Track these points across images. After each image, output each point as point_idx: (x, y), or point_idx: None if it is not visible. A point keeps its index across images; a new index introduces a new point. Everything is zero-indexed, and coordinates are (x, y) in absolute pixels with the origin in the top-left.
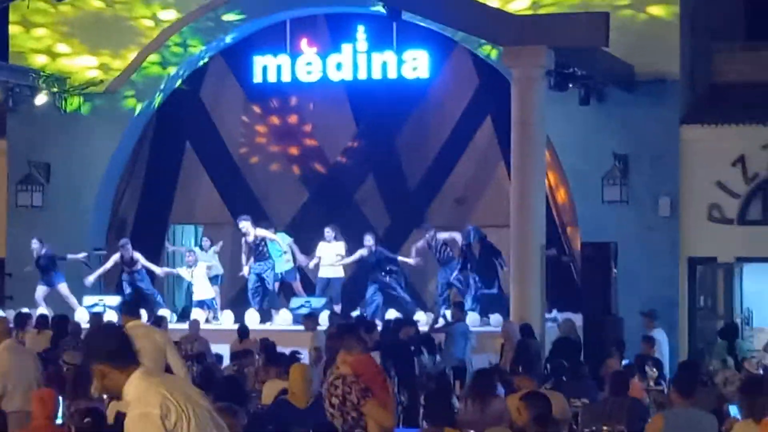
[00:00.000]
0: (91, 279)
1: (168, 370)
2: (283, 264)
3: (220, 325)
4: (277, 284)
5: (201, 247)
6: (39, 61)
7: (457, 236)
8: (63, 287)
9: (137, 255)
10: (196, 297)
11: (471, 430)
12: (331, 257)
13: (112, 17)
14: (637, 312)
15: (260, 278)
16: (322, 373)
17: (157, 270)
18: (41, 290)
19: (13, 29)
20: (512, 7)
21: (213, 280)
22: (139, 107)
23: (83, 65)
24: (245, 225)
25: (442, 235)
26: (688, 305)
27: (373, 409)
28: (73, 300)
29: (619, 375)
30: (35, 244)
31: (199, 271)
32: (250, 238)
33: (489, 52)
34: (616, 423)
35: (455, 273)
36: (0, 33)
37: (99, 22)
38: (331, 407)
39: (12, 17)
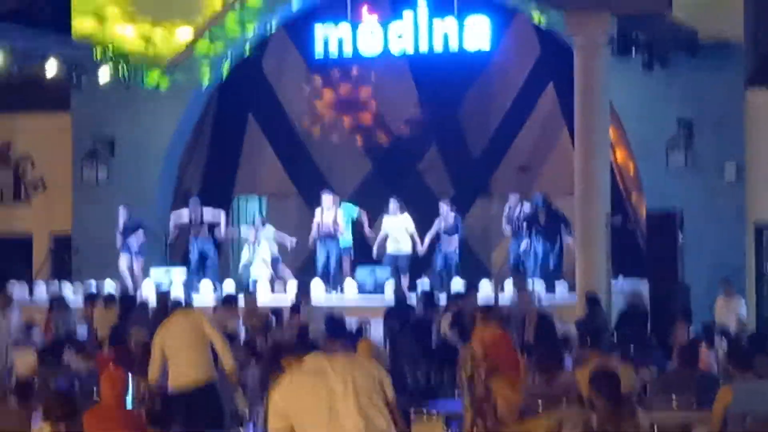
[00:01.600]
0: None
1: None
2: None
3: (285, 297)
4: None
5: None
6: (100, 34)
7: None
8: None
9: (206, 213)
10: (252, 276)
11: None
12: (400, 231)
13: None
14: (704, 278)
15: (328, 256)
16: None
17: (222, 230)
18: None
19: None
20: None
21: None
22: (202, 80)
23: (145, 39)
24: (328, 199)
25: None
26: (756, 271)
27: (500, 387)
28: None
29: (688, 348)
30: (123, 211)
31: (262, 250)
32: (329, 217)
33: (539, 19)
34: (686, 395)
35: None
36: (62, 8)
37: None
38: (461, 380)
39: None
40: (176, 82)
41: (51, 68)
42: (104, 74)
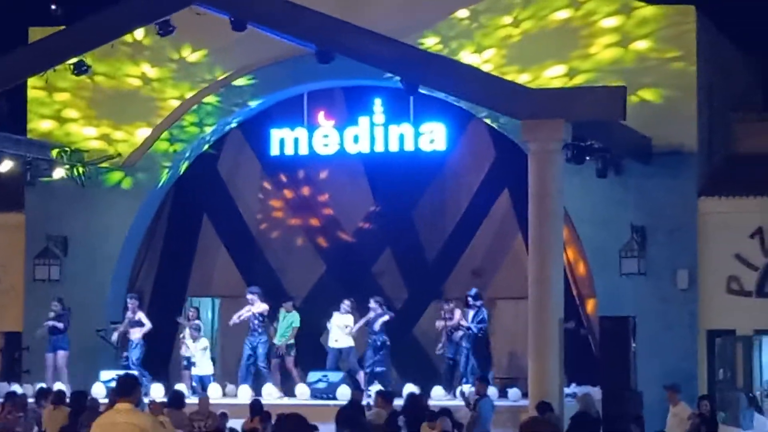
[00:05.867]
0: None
1: None
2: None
3: (236, 399)
4: (275, 361)
5: (188, 318)
6: (56, 135)
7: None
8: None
9: (140, 314)
10: (195, 372)
11: None
12: (340, 328)
13: (130, 92)
14: (656, 385)
15: (254, 351)
16: None
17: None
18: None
19: (33, 98)
20: (548, 74)
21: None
22: (156, 181)
23: (100, 139)
24: (252, 297)
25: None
26: (708, 378)
27: None
28: (65, 373)
29: None
30: (57, 306)
31: (200, 345)
32: (255, 310)
33: (497, 123)
34: None
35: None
36: (17, 107)
37: (119, 96)
38: None
39: (31, 93)
40: (132, 182)
41: (5, 167)
42: (59, 173)
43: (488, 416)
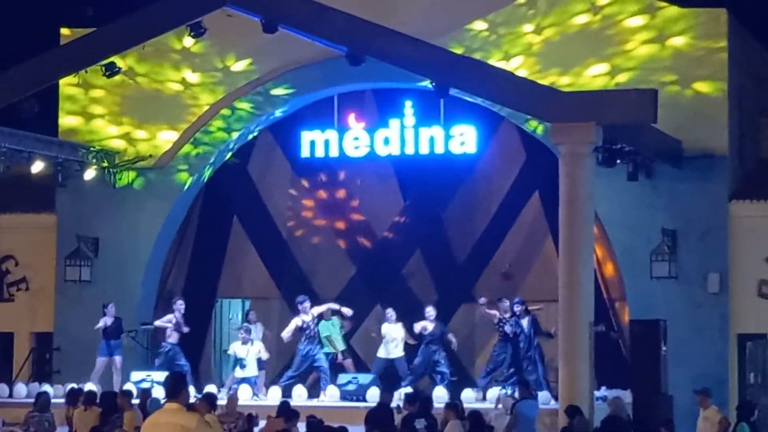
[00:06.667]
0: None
1: None
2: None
3: (266, 401)
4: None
5: (248, 321)
6: (87, 135)
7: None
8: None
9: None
10: (240, 374)
11: None
12: (397, 338)
13: (163, 94)
14: (687, 389)
15: (312, 359)
16: None
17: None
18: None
19: (65, 95)
20: (590, 72)
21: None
22: (187, 182)
23: (122, 138)
24: (306, 306)
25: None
26: (738, 382)
27: None
28: (118, 377)
29: None
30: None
31: (254, 349)
32: (308, 318)
33: (535, 127)
34: None
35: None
36: (49, 108)
37: (150, 97)
38: None
39: (64, 90)
40: (161, 184)
41: (36, 168)
42: (89, 174)
43: (531, 416)
